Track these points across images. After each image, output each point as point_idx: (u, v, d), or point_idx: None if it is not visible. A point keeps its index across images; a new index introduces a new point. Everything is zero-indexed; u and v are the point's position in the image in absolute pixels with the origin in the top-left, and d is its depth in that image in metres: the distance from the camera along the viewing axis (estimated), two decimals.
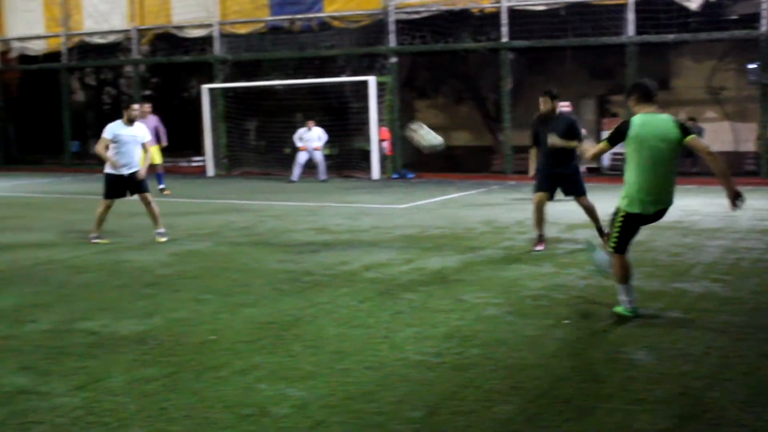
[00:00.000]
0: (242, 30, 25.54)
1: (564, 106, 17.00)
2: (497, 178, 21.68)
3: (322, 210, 15.71)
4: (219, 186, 21.82)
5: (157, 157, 18.74)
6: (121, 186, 12.13)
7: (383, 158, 22.84)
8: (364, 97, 22.64)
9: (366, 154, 22.99)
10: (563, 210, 13.46)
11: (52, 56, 29.34)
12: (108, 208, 12.20)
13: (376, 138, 22.52)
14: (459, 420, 4.99)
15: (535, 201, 10.81)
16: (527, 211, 11.18)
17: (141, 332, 7.02)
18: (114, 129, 12.00)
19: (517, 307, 7.71)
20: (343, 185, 20.94)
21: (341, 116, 24.01)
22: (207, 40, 26.01)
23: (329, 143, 23.12)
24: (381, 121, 22.68)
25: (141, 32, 27.26)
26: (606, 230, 10.48)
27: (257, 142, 26.59)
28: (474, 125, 26.33)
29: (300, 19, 24.73)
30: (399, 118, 23.15)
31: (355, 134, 24.12)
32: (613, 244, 7.32)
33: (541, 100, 10.83)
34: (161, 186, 19.23)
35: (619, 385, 5.57)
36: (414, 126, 12.75)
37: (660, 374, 5.76)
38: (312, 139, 22.31)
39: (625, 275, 7.30)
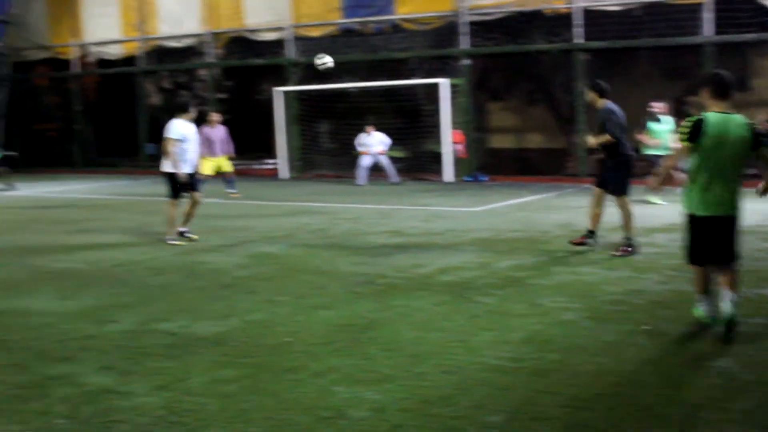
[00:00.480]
0: (315, 33, 25.69)
1: (657, 108, 16.83)
2: (571, 181, 21.46)
3: (396, 213, 15.72)
4: (292, 188, 21.97)
5: (226, 166, 19.12)
6: (183, 185, 12.41)
7: (456, 161, 22.78)
8: (436, 100, 22.60)
9: (438, 157, 22.94)
10: (646, 214, 13.28)
11: (129, 60, 29.89)
12: (176, 207, 12.48)
13: (449, 140, 22.47)
14: (538, 426, 4.95)
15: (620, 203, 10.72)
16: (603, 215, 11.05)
17: (219, 333, 7.10)
18: (180, 129, 12.27)
19: (595, 312, 7.63)
20: (416, 188, 20.92)
21: (413, 118, 23.99)
22: (280, 44, 26.22)
23: (398, 146, 23.14)
24: (453, 124, 22.62)
25: (215, 36, 27.60)
26: (626, 238, 10.46)
27: (330, 145, 26.71)
28: (547, 127, 26.09)
29: (372, 22, 24.80)
30: (471, 120, 23.08)
31: (427, 137, 24.07)
32: (685, 253, 7.02)
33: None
34: (232, 191, 19.44)
35: (702, 393, 5.48)
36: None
37: (744, 383, 5.65)
38: (373, 144, 22.37)
39: (702, 286, 6.98)
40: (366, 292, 8.66)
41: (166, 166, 12.31)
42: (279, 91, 25.19)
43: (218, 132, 19.13)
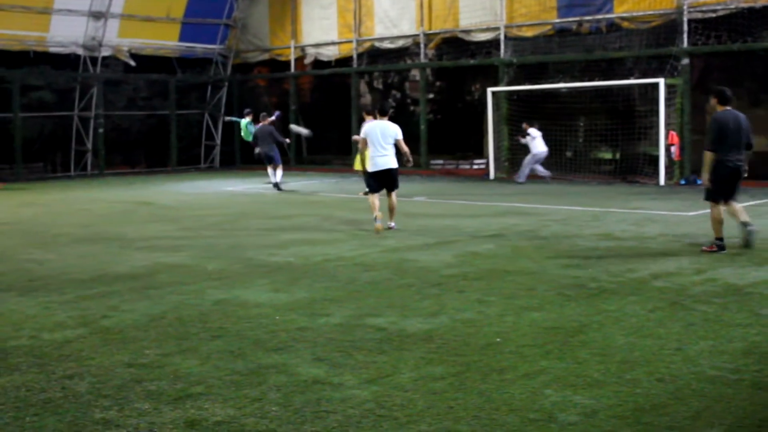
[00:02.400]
0: (529, 33, 25.50)
1: None
2: None
3: (606, 215, 15.39)
4: (501, 189, 21.91)
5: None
6: (382, 182, 13.86)
7: (671, 163, 22.06)
8: (652, 100, 21.99)
9: (652, 159, 22.30)
10: None
11: (343, 61, 30.68)
12: (375, 199, 13.87)
13: (664, 142, 21.80)
14: None
15: None
16: None
17: (427, 331, 7.15)
18: (366, 128, 14.13)
19: None
20: (628, 191, 20.40)
21: (627, 119, 23.42)
22: (493, 44, 26.20)
23: (611, 148, 22.76)
24: (669, 125, 21.92)
25: (428, 36, 27.89)
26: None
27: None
28: None
29: (588, 21, 24.38)
30: (689, 122, 22.30)
31: (640, 138, 23.45)
32: None
33: None
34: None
35: None
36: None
37: None
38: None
39: None
40: (577, 295, 8.52)
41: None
42: (490, 92, 25.19)
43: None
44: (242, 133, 26.32)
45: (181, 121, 33.08)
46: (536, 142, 23.19)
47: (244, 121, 25.88)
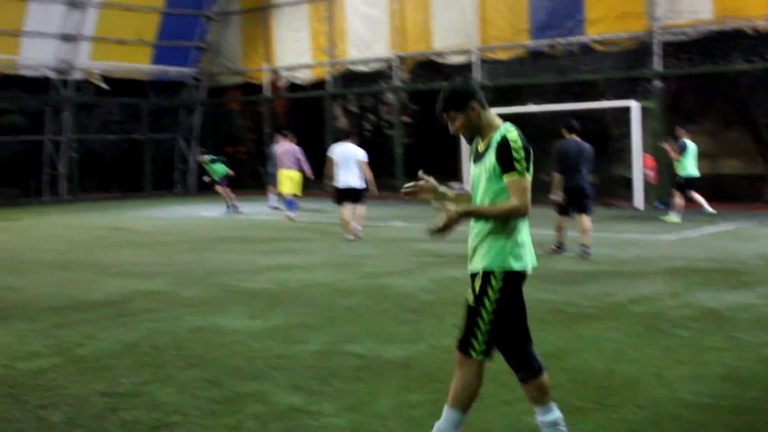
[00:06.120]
0: (502, 56, 25.70)
1: None
2: None
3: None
4: None
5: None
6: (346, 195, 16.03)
7: (647, 186, 22.21)
8: (626, 123, 22.14)
9: (628, 182, 22.44)
10: None
11: (318, 84, 30.73)
12: (346, 212, 15.93)
13: (640, 165, 21.95)
14: None
15: None
16: None
17: (406, 357, 7.16)
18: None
19: None
20: (605, 214, 20.49)
21: (601, 142, 23.53)
22: (467, 67, 26.34)
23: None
24: (644, 148, 22.09)
25: (402, 59, 28.02)
26: None
27: None
28: (745, 152, 25.10)
29: (561, 44, 24.57)
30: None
31: (616, 161, 23.62)
32: None
33: None
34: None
35: None
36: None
37: None
38: None
39: None
40: (554, 320, 8.56)
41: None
42: None
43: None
44: (211, 173, 24.55)
45: (155, 144, 33.01)
46: None
47: (207, 158, 24.66)
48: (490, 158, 4.72)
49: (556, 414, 4.92)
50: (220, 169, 24.07)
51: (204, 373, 6.80)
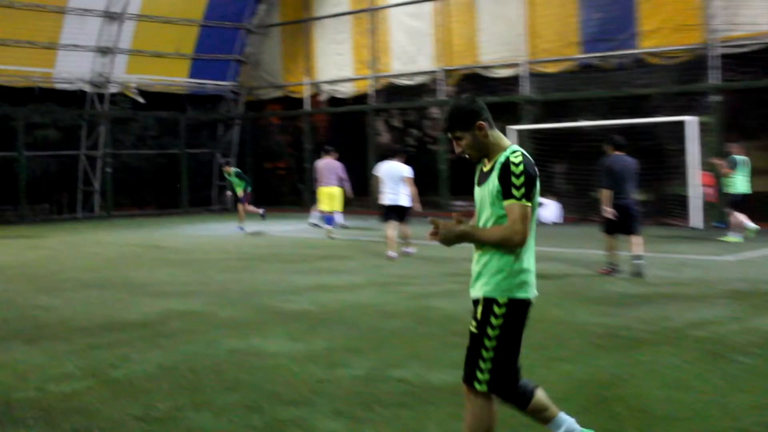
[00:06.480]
0: (551, 69, 25.58)
1: None
2: None
3: None
4: None
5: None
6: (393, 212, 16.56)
7: (705, 205, 21.92)
8: (682, 139, 21.91)
9: (684, 200, 22.18)
10: None
11: (360, 98, 30.79)
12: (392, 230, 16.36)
13: (697, 183, 21.68)
14: None
15: None
16: None
17: (454, 384, 7.03)
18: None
19: None
20: (661, 233, 20.26)
21: (656, 159, 23.33)
22: (514, 80, 26.27)
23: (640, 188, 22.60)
24: (702, 165, 21.83)
25: (447, 73, 28.00)
26: None
27: (565, 186, 26.38)
28: None
29: (613, 57, 24.42)
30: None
31: (671, 179, 23.34)
32: None
33: None
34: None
35: None
36: None
37: None
38: None
39: None
40: (609, 346, 8.42)
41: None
42: (513, 130, 25.17)
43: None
44: (234, 186, 24.20)
45: (192, 160, 33.20)
46: None
47: (233, 170, 24.10)
48: (494, 181, 4.64)
49: (566, 423, 4.93)
50: (241, 184, 23.87)
51: (243, 397, 6.76)
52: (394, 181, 16.41)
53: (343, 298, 11.59)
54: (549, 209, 23.97)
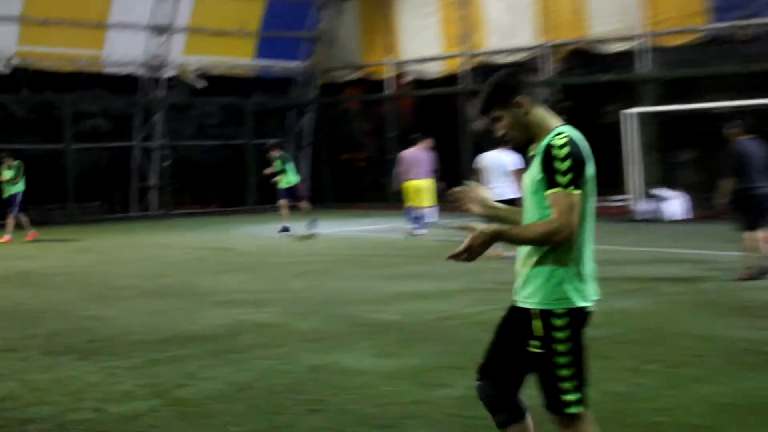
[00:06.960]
0: (675, 42, 25.20)
1: None
2: None
3: None
4: (646, 230, 21.53)
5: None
6: None
7: None
8: None
9: None
10: None
11: (450, 79, 30.67)
12: None
13: None
14: None
15: None
16: None
17: None
18: None
19: None
20: None
21: None
22: (631, 56, 25.94)
23: None
24: None
25: (552, 49, 27.76)
26: None
27: (694, 178, 25.95)
28: None
29: (747, 26, 23.95)
30: None
31: None
32: None
33: None
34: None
35: None
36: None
37: None
38: None
39: None
40: (755, 364, 8.22)
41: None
42: (629, 113, 24.82)
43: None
44: (288, 178, 23.50)
45: (259, 152, 33.38)
46: None
47: (278, 162, 23.39)
48: (536, 167, 4.52)
49: None
50: (289, 175, 23.13)
51: (328, 420, 6.76)
52: (500, 172, 16.37)
53: (438, 308, 11.53)
54: (674, 204, 23.53)
